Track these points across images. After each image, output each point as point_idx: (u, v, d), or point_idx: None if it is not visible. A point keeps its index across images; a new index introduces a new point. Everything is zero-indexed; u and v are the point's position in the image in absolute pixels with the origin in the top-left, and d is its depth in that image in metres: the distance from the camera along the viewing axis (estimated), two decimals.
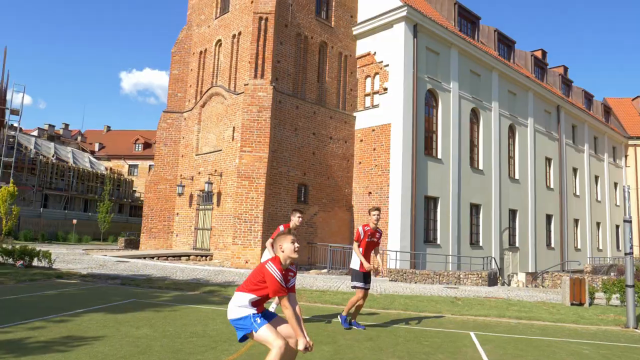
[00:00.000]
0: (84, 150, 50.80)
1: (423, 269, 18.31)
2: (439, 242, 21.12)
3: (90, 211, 39.48)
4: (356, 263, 7.21)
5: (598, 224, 36.14)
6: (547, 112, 30.80)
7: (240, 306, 3.71)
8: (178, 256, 19.41)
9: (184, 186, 21.76)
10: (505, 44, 29.63)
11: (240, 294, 3.76)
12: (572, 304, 10.94)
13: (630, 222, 8.55)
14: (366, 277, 7.22)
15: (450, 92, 22.69)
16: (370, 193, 20.65)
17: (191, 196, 21.50)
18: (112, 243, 32.91)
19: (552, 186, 30.31)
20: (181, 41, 23.69)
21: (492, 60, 25.37)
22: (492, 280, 16.31)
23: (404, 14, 20.29)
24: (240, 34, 20.41)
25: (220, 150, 20.33)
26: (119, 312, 7.35)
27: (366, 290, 7.19)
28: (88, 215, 38.09)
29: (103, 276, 11.93)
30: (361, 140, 21.56)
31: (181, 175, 22.27)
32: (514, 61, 29.81)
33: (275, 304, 6.96)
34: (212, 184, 19.96)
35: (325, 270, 17.62)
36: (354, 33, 22.40)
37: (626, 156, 41.51)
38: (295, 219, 7.30)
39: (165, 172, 22.73)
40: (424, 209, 20.70)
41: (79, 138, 57.57)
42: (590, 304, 11.07)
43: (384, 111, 20.76)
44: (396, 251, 18.57)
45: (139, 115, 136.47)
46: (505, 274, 24.08)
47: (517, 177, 27.08)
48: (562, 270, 26.79)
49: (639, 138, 41.04)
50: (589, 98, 38.75)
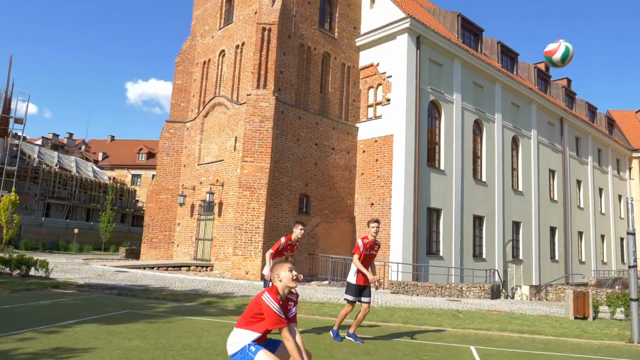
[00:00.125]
0: (87, 159, 50.93)
1: (425, 281, 18.10)
2: (441, 254, 20.93)
3: (92, 221, 39.46)
4: (352, 276, 7.13)
5: (602, 236, 35.82)
6: (551, 124, 30.70)
7: (237, 342, 3.56)
8: (178, 266, 19.30)
9: (185, 196, 21.70)
10: (509, 55, 29.60)
11: (239, 330, 3.59)
12: (575, 318, 10.76)
13: (633, 234, 8.41)
14: (363, 291, 7.11)
15: (453, 103, 22.63)
16: (373, 204, 20.52)
17: (192, 206, 21.43)
18: (113, 253, 32.80)
19: (555, 198, 30.09)
20: (185, 51, 23.81)
21: (495, 72, 25.34)
22: (495, 293, 16.10)
23: (407, 25, 20.33)
24: (243, 44, 20.49)
25: (222, 160, 20.29)
26: (112, 323, 7.21)
27: (367, 304, 7.09)
28: (90, 224, 38.05)
29: (100, 286, 11.80)
30: (364, 151, 21.49)
31: (183, 185, 22.23)
32: (517, 73, 29.77)
33: None
34: (213, 194, 19.89)
35: (327, 282, 17.45)
36: (357, 44, 22.44)
37: (630, 168, 41.26)
38: (298, 231, 7.24)
39: (167, 182, 22.70)
40: (427, 221, 20.55)
41: (83, 147, 57.79)
42: (594, 318, 10.88)
43: (386, 122, 20.71)
44: (398, 263, 18.38)
45: (143, 125, 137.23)
46: (509, 287, 23.81)
47: (520, 189, 26.91)
48: (566, 283, 26.48)
49: None
50: (592, 110, 38.61)
